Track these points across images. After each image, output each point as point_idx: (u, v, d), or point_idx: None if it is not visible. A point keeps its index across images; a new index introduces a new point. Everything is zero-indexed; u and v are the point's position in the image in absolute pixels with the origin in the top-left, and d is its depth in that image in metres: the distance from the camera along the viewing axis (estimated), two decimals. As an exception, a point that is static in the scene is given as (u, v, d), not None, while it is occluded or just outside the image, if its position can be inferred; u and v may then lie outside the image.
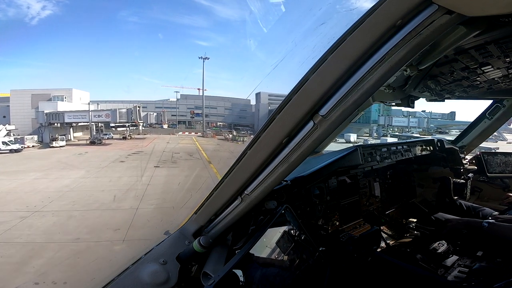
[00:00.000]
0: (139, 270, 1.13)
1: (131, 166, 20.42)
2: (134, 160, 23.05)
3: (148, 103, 53.28)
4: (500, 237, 1.57)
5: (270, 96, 53.79)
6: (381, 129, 43.24)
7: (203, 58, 51.40)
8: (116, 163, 21.50)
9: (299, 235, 1.43)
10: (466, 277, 1.50)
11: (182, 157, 24.81)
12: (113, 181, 16.36)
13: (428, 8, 0.70)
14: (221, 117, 59.76)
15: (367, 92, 0.84)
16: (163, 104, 56.16)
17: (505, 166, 3.07)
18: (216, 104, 59.13)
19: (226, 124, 57.97)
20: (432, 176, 3.11)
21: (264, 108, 53.77)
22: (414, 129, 43.95)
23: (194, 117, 56.80)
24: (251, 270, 1.23)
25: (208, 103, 56.33)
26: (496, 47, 1.39)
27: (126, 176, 17.51)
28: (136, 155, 25.06)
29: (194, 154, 26.58)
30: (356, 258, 1.65)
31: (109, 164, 21.15)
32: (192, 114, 57.00)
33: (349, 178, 2.51)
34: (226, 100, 60.45)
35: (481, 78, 1.93)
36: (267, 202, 1.48)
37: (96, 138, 33.40)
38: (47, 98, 37.71)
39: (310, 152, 1.00)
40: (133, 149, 28.07)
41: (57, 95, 39.02)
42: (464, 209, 2.40)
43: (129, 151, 26.84)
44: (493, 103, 3.11)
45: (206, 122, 53.18)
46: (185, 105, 57.91)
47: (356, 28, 0.78)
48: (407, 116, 44.18)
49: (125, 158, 23.65)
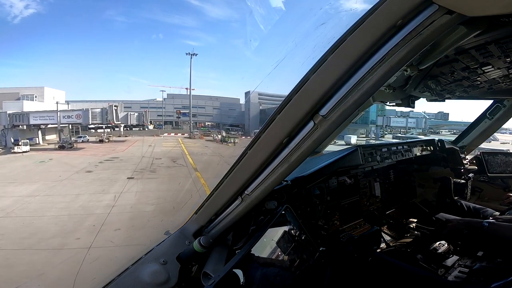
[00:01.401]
0: (139, 270, 1.14)
1: (98, 178, 16.69)
2: (104, 169, 19.15)
3: (133, 103, 50.89)
4: (500, 237, 1.56)
5: (260, 95, 51.85)
6: (379, 130, 42.75)
7: (190, 54, 48.72)
8: (80, 174, 17.59)
9: (299, 235, 1.43)
10: (467, 277, 1.50)
11: (164, 163, 21.11)
12: (68, 201, 12.63)
13: (429, 8, 0.70)
14: (209, 116, 57.97)
15: (368, 92, 0.84)
16: (149, 104, 54.06)
17: (505, 166, 3.07)
18: (204, 104, 57.27)
19: (215, 124, 56.12)
20: (433, 176, 3.11)
21: (255, 108, 52.11)
22: (414, 129, 43.54)
23: (180, 117, 54.20)
24: (252, 270, 1.23)
25: (196, 102, 53.92)
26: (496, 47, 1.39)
27: (87, 193, 13.69)
28: (109, 163, 21.31)
29: (178, 159, 22.86)
30: (356, 258, 1.65)
31: (72, 175, 17.13)
32: (178, 114, 54.23)
33: (350, 178, 2.51)
34: (214, 99, 58.49)
35: (481, 78, 1.93)
36: (268, 202, 1.48)
37: (66, 142, 29.53)
38: (16, 98, 33.95)
39: (310, 152, 1.00)
40: (107, 155, 24.55)
41: (27, 94, 35.00)
42: (464, 209, 2.40)
43: (102, 157, 23.28)
44: (493, 103, 3.11)
45: (193, 122, 50.60)
46: (172, 105, 55.74)
47: (356, 28, 0.78)
48: (406, 116, 43.70)
49: (94, 166, 19.75)
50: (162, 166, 20.35)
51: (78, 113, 31.26)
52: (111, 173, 17.84)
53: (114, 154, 25.16)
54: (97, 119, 31.27)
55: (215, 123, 56.57)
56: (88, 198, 13.06)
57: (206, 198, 1.27)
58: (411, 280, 1.50)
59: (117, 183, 15.63)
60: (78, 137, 33.47)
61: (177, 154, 25.32)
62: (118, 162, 21.57)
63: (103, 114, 31.28)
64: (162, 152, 26.46)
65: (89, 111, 31.04)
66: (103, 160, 22.47)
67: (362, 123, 43.03)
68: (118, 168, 19.32)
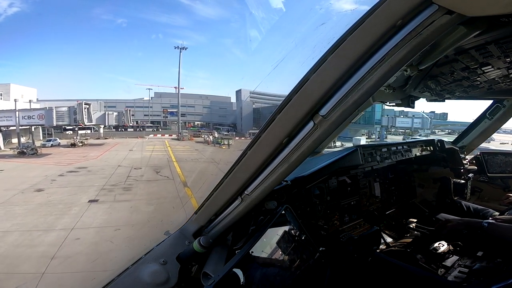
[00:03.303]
0: (139, 270, 1.14)
1: (48, 201, 11.91)
2: (62, 186, 14.28)
3: (118, 102, 48.06)
4: (500, 237, 1.57)
5: (252, 93, 50.16)
6: (384, 131, 40.93)
7: (180, 48, 45.76)
8: (26, 195, 12.79)
9: (299, 235, 1.43)
10: (466, 277, 1.50)
11: (144, 175, 16.74)
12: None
13: (429, 8, 0.70)
14: (199, 116, 55.35)
15: (368, 92, 0.84)
16: (135, 103, 51.32)
17: (505, 166, 3.07)
18: (194, 102, 54.51)
19: (205, 124, 53.72)
20: (432, 176, 3.11)
21: (248, 107, 49.98)
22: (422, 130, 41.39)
23: (168, 117, 50.62)
24: (251, 270, 1.23)
25: (185, 101, 50.75)
26: (496, 47, 1.39)
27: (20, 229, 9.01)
28: (71, 176, 16.47)
29: (163, 168, 18.34)
30: (356, 258, 1.65)
31: (13, 197, 12.42)
32: (165, 113, 50.48)
33: (349, 178, 2.51)
34: (204, 98, 56.03)
35: (481, 78, 1.93)
36: (267, 202, 1.48)
37: (28, 147, 24.72)
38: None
39: (310, 152, 1.00)
40: (74, 163, 19.76)
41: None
42: (464, 209, 2.40)
43: (67, 168, 18.44)
44: (493, 103, 3.11)
45: (182, 121, 46.98)
46: (160, 104, 52.89)
47: (356, 28, 0.78)
48: (411, 116, 41.92)
49: (49, 182, 14.99)
50: (142, 179, 15.86)
51: (40, 113, 26.27)
52: (68, 193, 12.96)
53: (83, 162, 20.48)
54: (64, 119, 26.79)
55: (205, 123, 54.37)
56: (17, 240, 8.19)
57: (206, 198, 1.27)
58: (411, 280, 1.50)
59: (71, 210, 10.76)
60: (47, 140, 28.33)
61: (162, 162, 20.80)
62: (83, 175, 16.73)
63: (71, 113, 26.61)
64: (144, 158, 21.98)
65: (53, 111, 26.02)
66: (65, 171, 17.18)
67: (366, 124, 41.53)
68: (80, 185, 14.40)
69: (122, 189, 13.91)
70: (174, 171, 17.90)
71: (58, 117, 26.72)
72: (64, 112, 26.99)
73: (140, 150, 26.33)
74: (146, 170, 18.19)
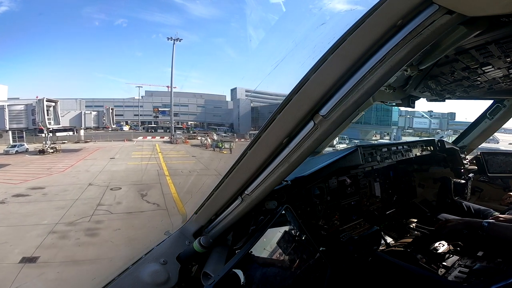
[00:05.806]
0: (139, 270, 1.14)
1: None
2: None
3: (105, 101, 44.38)
4: (500, 237, 1.56)
5: (248, 91, 47.78)
6: (399, 132, 37.56)
7: (173, 39, 41.44)
8: None
9: (299, 235, 1.43)
10: (467, 277, 1.50)
11: (123, 201, 11.41)
12: None
13: (429, 8, 0.70)
14: (193, 115, 52.22)
15: (368, 92, 0.84)
16: (125, 103, 47.91)
17: (505, 166, 3.07)
18: (188, 101, 51.24)
19: (199, 124, 51.06)
20: (433, 176, 3.11)
21: (246, 105, 47.36)
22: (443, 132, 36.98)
23: (158, 116, 45.83)
24: (252, 270, 1.23)
25: (177, 100, 46.60)
26: (496, 47, 1.39)
27: None
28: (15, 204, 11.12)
29: (151, 188, 13.08)
30: (357, 258, 1.65)
31: None
32: (155, 112, 45.28)
33: (350, 178, 2.51)
34: (198, 97, 53.10)
35: (481, 78, 1.93)
36: (268, 202, 1.48)
37: None
38: None
39: (310, 152, 1.00)
40: (30, 181, 14.36)
41: None
42: (464, 209, 2.40)
43: (15, 188, 12.95)
44: (493, 103, 3.11)
45: (175, 121, 41.26)
46: (151, 103, 49.47)
47: (356, 28, 0.78)
48: (430, 117, 38.84)
49: None
50: (119, 209, 10.64)
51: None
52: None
53: (43, 178, 14.92)
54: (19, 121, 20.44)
55: (199, 123, 51.87)
56: None
57: (206, 198, 1.27)
58: (411, 280, 1.50)
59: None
60: (11, 146, 21.74)
61: (150, 176, 15.40)
62: (33, 202, 11.31)
63: (29, 114, 20.28)
64: (126, 171, 16.46)
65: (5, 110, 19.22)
66: (9, 196, 11.88)
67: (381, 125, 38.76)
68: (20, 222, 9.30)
69: (83, 231, 8.89)
70: (167, 193, 12.44)
71: (12, 118, 20.14)
72: (21, 111, 20.33)
73: (123, 158, 20.47)
74: (127, 190, 12.79)
